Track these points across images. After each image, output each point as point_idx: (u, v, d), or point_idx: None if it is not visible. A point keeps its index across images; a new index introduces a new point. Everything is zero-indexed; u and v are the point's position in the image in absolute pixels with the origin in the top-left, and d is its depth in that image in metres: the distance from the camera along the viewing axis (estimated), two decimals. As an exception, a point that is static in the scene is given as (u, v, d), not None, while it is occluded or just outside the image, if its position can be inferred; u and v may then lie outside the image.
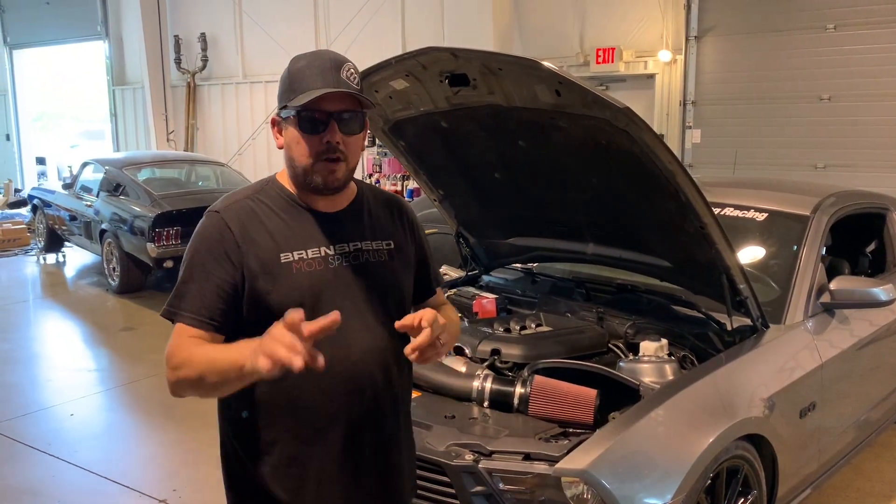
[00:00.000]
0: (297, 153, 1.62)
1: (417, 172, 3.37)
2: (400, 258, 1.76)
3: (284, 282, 1.59)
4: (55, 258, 10.20)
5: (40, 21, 15.92)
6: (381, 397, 1.68)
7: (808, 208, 3.44)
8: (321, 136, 1.58)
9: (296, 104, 1.57)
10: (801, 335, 2.99)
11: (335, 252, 1.65)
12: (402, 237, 1.79)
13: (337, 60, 1.60)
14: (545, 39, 9.91)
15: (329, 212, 1.68)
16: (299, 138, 1.60)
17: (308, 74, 1.59)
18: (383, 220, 1.77)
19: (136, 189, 7.98)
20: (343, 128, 1.59)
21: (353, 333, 1.63)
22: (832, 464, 3.19)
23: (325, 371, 1.57)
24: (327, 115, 1.58)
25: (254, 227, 1.61)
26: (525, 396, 2.50)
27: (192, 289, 1.57)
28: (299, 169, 1.63)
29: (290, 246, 1.62)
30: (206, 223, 1.63)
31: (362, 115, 1.64)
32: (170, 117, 13.75)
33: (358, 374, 1.64)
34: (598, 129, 2.47)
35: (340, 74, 1.58)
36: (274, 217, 1.64)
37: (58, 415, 4.88)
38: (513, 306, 3.45)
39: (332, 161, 1.60)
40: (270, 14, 12.43)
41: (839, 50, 8.17)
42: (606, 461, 2.15)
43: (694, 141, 9.17)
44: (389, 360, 1.70)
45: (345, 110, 1.59)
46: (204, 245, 1.60)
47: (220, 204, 1.66)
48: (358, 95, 1.60)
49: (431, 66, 2.58)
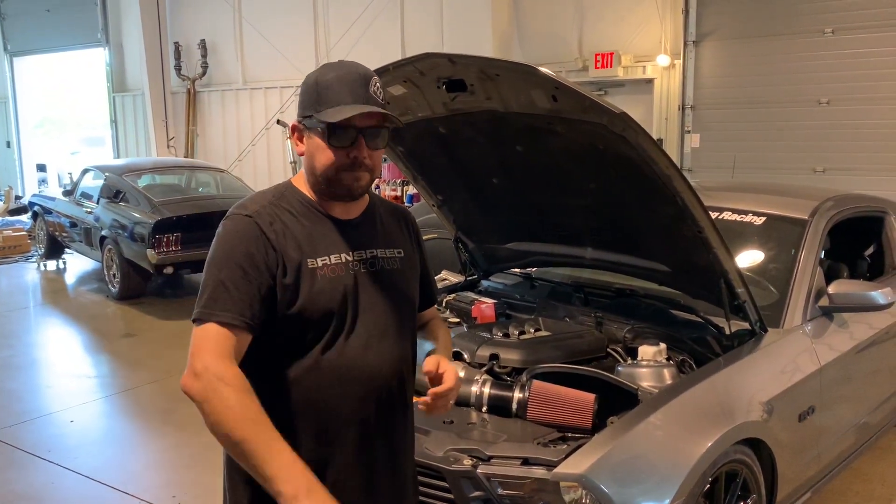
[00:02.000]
0: (320, 162, 1.64)
1: (416, 178, 3.38)
2: (409, 266, 1.82)
3: (311, 287, 1.61)
4: (56, 265, 10.21)
5: (41, 28, 15.96)
6: (395, 404, 1.73)
7: (806, 212, 3.44)
8: (348, 150, 1.62)
9: (326, 118, 1.59)
10: (799, 339, 2.99)
11: (354, 258, 1.69)
12: (409, 246, 1.84)
13: (366, 76, 1.64)
14: (544, 44, 9.94)
15: (346, 219, 1.72)
16: (325, 149, 1.63)
17: (338, 89, 1.61)
18: (393, 228, 1.83)
19: (137, 195, 7.99)
20: (370, 143, 1.63)
21: (372, 339, 1.67)
22: (832, 467, 3.19)
23: (344, 375, 1.64)
24: (356, 132, 1.61)
25: (282, 233, 1.63)
26: (524, 401, 2.50)
27: (230, 289, 1.55)
28: (321, 177, 1.65)
29: (315, 252, 1.65)
30: (240, 225, 1.63)
31: (387, 131, 1.68)
32: (170, 124, 13.77)
33: (375, 379, 1.67)
34: (596, 134, 2.48)
35: (369, 90, 1.62)
36: (297, 223, 1.66)
37: (58, 421, 4.88)
38: (511, 311, 3.45)
39: (356, 169, 1.64)
40: (270, 20, 12.47)
41: (838, 54, 8.19)
42: (605, 466, 2.15)
43: (693, 145, 9.18)
44: (403, 367, 1.75)
45: (372, 126, 1.63)
46: (241, 246, 1.59)
47: (248, 207, 1.66)
48: (387, 113, 1.63)
49: (429, 72, 2.59)
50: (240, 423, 1.44)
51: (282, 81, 12.36)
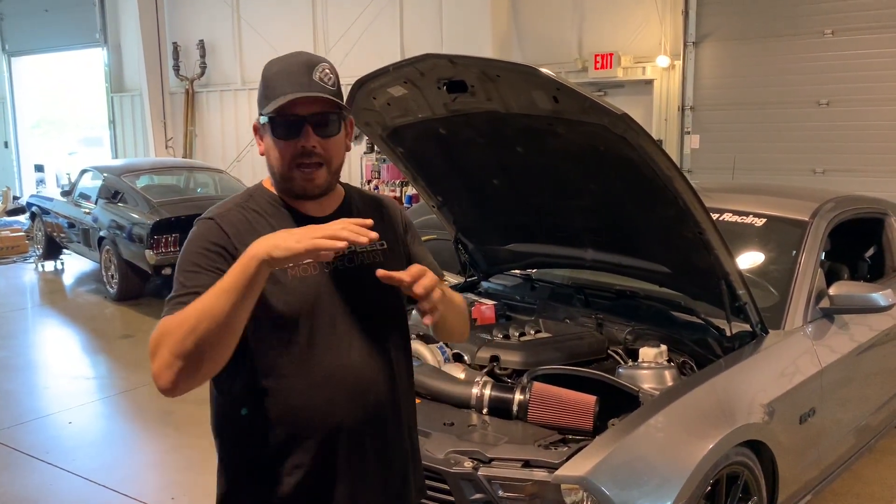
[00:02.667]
0: (274, 159, 1.59)
1: (416, 179, 3.37)
2: (394, 259, 1.72)
3: (279, 289, 1.54)
4: (53, 265, 10.19)
5: (39, 28, 15.95)
6: (383, 403, 1.65)
7: (806, 213, 3.44)
8: (296, 141, 1.56)
9: (268, 111, 1.55)
10: (800, 341, 2.99)
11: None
12: (393, 237, 1.76)
13: (310, 62, 1.58)
14: (543, 45, 9.94)
15: (319, 216, 1.64)
16: (276, 144, 1.58)
17: (280, 79, 1.57)
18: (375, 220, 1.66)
19: (135, 196, 7.97)
20: (319, 131, 1.56)
21: (353, 338, 1.61)
22: (832, 469, 3.18)
23: (325, 378, 1.57)
24: (301, 120, 1.55)
25: (246, 235, 1.55)
26: (524, 403, 2.49)
27: (190, 287, 1.50)
28: (278, 175, 1.61)
29: None
30: (201, 228, 1.59)
31: (339, 116, 1.60)
32: (168, 124, 13.74)
33: (359, 379, 1.60)
34: (596, 135, 2.47)
35: (313, 77, 1.56)
36: (264, 223, 1.60)
37: (56, 423, 4.87)
38: (512, 312, 3.45)
39: (308, 167, 1.57)
40: (269, 21, 12.46)
41: (837, 55, 8.19)
42: (606, 468, 2.14)
43: (692, 146, 9.19)
44: (392, 364, 1.67)
45: (319, 113, 1.56)
46: (199, 245, 1.55)
47: (212, 211, 1.62)
48: (331, 97, 1.56)
49: (429, 72, 2.58)
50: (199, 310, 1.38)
51: (280, 82, 12.31)
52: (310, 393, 1.56)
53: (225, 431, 1.67)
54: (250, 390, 1.57)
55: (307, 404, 1.57)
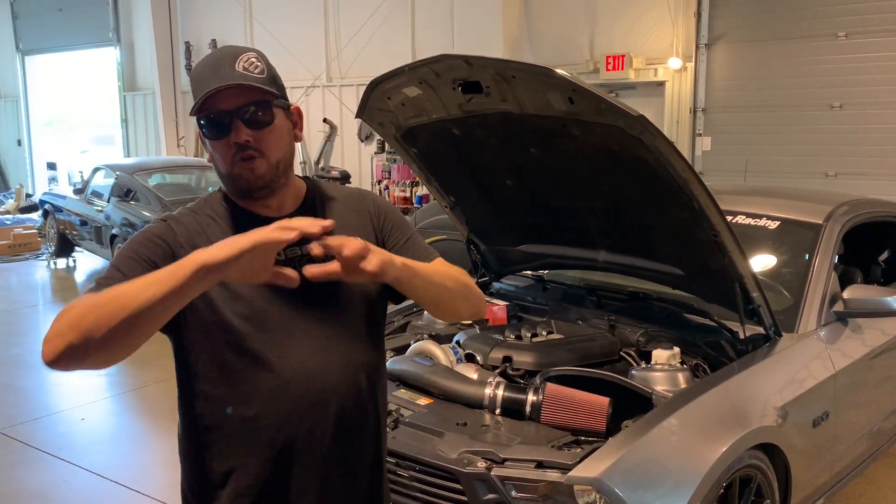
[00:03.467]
0: (216, 162, 1.51)
1: (429, 179, 3.37)
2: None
3: (229, 294, 1.46)
4: (66, 263, 10.25)
5: (52, 27, 16.05)
6: (348, 414, 1.54)
7: (820, 217, 3.42)
8: (227, 138, 1.46)
9: (193, 110, 1.46)
10: (813, 344, 2.98)
11: (286, 257, 1.46)
12: (366, 232, 1.60)
13: (234, 53, 1.47)
14: (555, 47, 9.93)
15: (277, 216, 1.50)
16: (212, 145, 1.49)
17: (204, 76, 1.45)
18: (342, 217, 1.59)
19: (147, 194, 8.02)
20: (249, 124, 1.45)
21: (310, 347, 1.50)
22: (845, 474, 3.17)
23: (282, 389, 1.47)
24: (227, 115, 1.44)
25: (198, 239, 1.47)
26: (537, 404, 2.49)
27: (118, 268, 1.42)
28: (223, 178, 1.52)
29: None
30: (150, 226, 1.53)
31: (268, 106, 1.48)
32: (180, 123, 13.82)
33: (320, 390, 1.50)
34: (611, 136, 2.47)
35: (236, 67, 1.44)
36: (216, 228, 1.51)
37: (68, 419, 4.90)
38: (524, 313, 3.45)
39: (247, 160, 1.47)
40: (280, 21, 12.50)
41: (850, 58, 8.15)
42: (619, 470, 2.14)
43: (704, 148, 9.16)
44: (357, 372, 1.56)
45: (244, 105, 1.45)
46: (143, 237, 1.48)
47: (164, 215, 1.56)
48: (254, 84, 1.45)
49: (445, 73, 2.59)
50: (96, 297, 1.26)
51: (291, 82, 12.37)
52: (266, 405, 1.48)
53: (182, 446, 1.61)
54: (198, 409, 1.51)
55: (263, 417, 1.48)
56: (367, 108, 2.96)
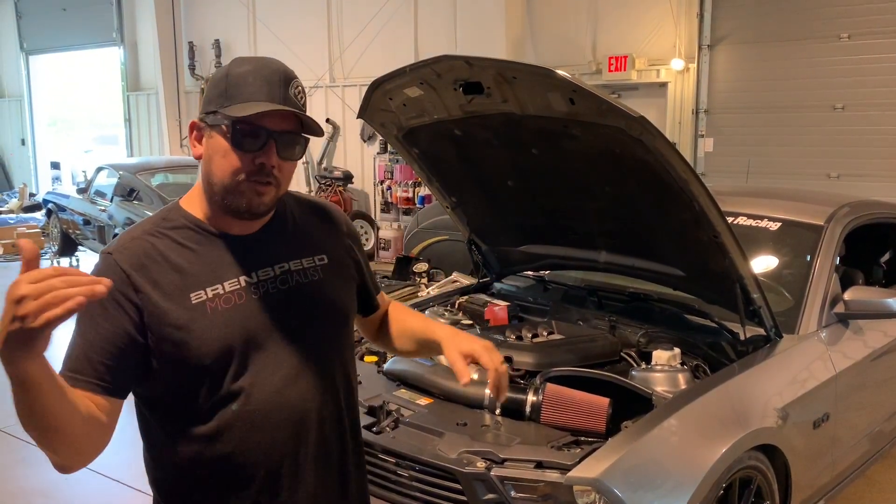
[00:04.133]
0: (220, 167, 1.39)
1: (430, 180, 3.38)
2: (336, 272, 1.56)
3: (199, 325, 1.36)
4: (69, 262, 10.26)
5: (56, 27, 16.09)
6: (329, 438, 1.50)
7: (822, 218, 3.42)
8: (255, 155, 1.38)
9: (233, 113, 1.36)
10: (814, 345, 2.98)
11: (258, 279, 1.43)
12: (337, 246, 1.59)
13: (286, 74, 1.42)
14: (558, 47, 9.93)
15: (246, 234, 1.46)
16: (227, 151, 1.38)
17: (252, 82, 1.38)
18: (312, 231, 1.57)
19: (150, 194, 8.04)
20: (282, 151, 1.39)
21: (289, 370, 1.44)
22: (845, 475, 3.17)
23: (261, 422, 1.41)
24: (267, 134, 1.37)
25: (155, 268, 1.37)
26: (537, 404, 2.50)
27: (79, 344, 1.33)
28: (218, 186, 1.40)
29: (200, 283, 1.38)
30: (98, 267, 1.39)
31: (305, 141, 1.43)
32: (183, 123, 13.83)
33: (300, 416, 1.44)
34: (612, 137, 2.47)
35: (289, 91, 1.40)
36: (179, 250, 1.40)
37: (70, 418, 4.90)
38: (524, 314, 3.45)
39: (262, 184, 1.39)
40: (284, 21, 12.51)
41: (853, 59, 8.14)
42: (619, 470, 2.14)
43: (706, 149, 9.15)
44: (336, 394, 1.51)
45: (287, 131, 1.40)
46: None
47: (113, 244, 1.41)
48: (306, 119, 1.41)
49: (446, 74, 2.60)
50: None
51: (295, 82, 12.40)
52: (244, 437, 1.41)
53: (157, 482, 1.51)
54: (173, 446, 1.44)
55: (242, 450, 1.41)
56: (369, 109, 2.96)
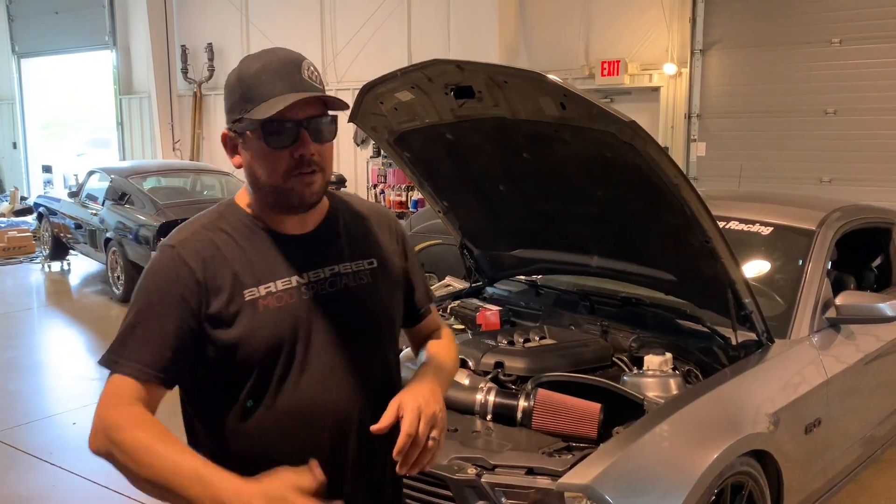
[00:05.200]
0: (264, 170, 1.40)
1: (422, 184, 3.37)
2: (385, 277, 1.57)
3: (250, 322, 1.38)
4: (60, 266, 10.22)
5: (49, 30, 16.05)
6: (371, 442, 1.48)
7: (813, 223, 3.43)
8: (292, 148, 1.38)
9: (258, 116, 1.36)
10: (806, 350, 2.98)
11: (309, 280, 1.45)
12: (387, 252, 1.59)
13: (296, 59, 1.41)
14: (551, 52, 9.95)
15: (299, 234, 1.48)
16: (265, 154, 1.39)
17: (266, 80, 1.38)
18: (363, 235, 1.57)
19: (142, 198, 8.00)
20: (315, 137, 1.39)
21: (331, 373, 1.45)
22: (837, 480, 3.16)
23: (301, 419, 1.42)
24: (296, 125, 1.37)
25: (214, 263, 1.40)
26: (528, 410, 2.48)
27: (139, 335, 1.36)
28: (268, 188, 1.42)
29: (255, 280, 1.41)
30: (160, 259, 1.43)
31: (333, 119, 1.43)
32: (176, 126, 13.82)
33: (343, 419, 1.46)
34: (603, 142, 2.47)
35: (303, 75, 1.39)
36: (235, 247, 1.43)
37: (60, 423, 4.88)
38: (516, 318, 3.44)
39: (307, 174, 1.40)
40: (277, 25, 12.50)
41: (845, 64, 8.18)
42: (610, 476, 2.13)
43: (699, 154, 9.18)
44: (378, 399, 1.49)
45: (314, 116, 1.39)
46: (156, 284, 1.40)
47: (175, 236, 1.45)
48: (328, 98, 1.40)
49: (437, 78, 2.59)
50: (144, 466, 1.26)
51: (288, 85, 12.38)
52: (286, 435, 1.42)
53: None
54: (211, 436, 1.45)
55: (282, 446, 1.42)
56: (360, 113, 2.95)
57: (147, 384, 1.35)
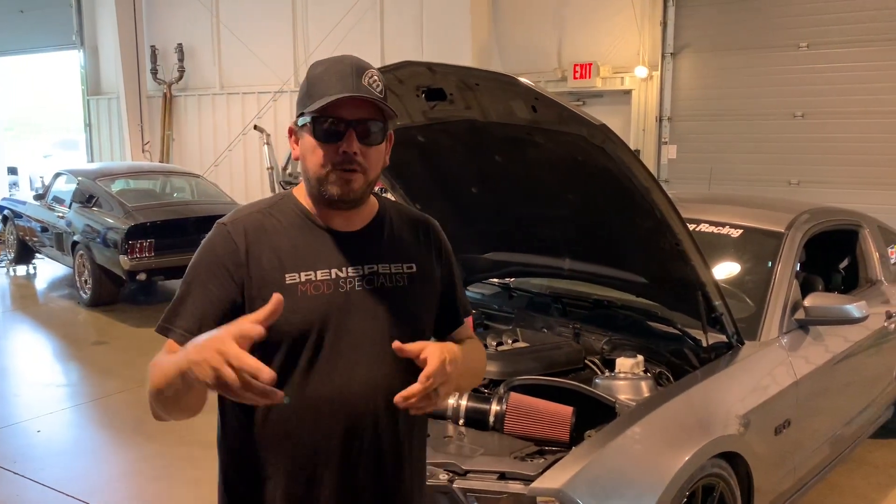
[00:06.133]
0: (311, 162, 1.51)
1: (394, 186, 3.35)
2: (422, 284, 1.62)
3: (287, 305, 1.40)
4: (25, 270, 10.03)
5: (14, 29, 15.73)
6: (383, 438, 1.53)
7: (782, 225, 3.46)
8: (337, 145, 1.47)
9: (312, 109, 1.46)
10: (775, 351, 3.00)
11: (348, 275, 1.52)
12: (428, 260, 1.65)
13: (360, 66, 1.50)
14: (523, 54, 9.98)
15: (345, 230, 1.56)
16: (315, 146, 1.49)
17: (326, 79, 1.48)
18: (406, 240, 1.64)
19: (110, 200, 7.87)
20: (362, 138, 1.48)
21: (358, 366, 1.50)
22: (807, 480, 3.19)
23: (321, 407, 1.48)
24: (345, 124, 1.47)
25: (261, 244, 1.50)
26: (501, 414, 2.48)
27: (188, 304, 1.48)
28: (313, 179, 1.51)
29: (296, 266, 1.50)
30: (212, 235, 1.54)
31: (384, 125, 1.52)
32: (145, 128, 13.62)
33: (358, 411, 1.50)
34: (575, 145, 2.47)
35: (362, 80, 1.48)
36: (283, 234, 1.53)
37: (24, 431, 4.77)
38: (489, 322, 3.43)
39: (348, 171, 1.48)
40: (248, 26, 12.39)
41: (812, 68, 8.30)
42: (582, 480, 2.13)
43: (670, 157, 9.26)
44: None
45: (364, 119, 1.48)
46: (206, 258, 1.51)
47: (229, 216, 1.56)
48: (380, 103, 1.49)
49: (408, 80, 2.57)
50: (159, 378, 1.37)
51: (259, 87, 12.29)
52: (304, 421, 1.49)
53: (222, 447, 1.61)
54: (237, 415, 1.53)
55: (300, 433, 1.49)
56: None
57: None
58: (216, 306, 1.46)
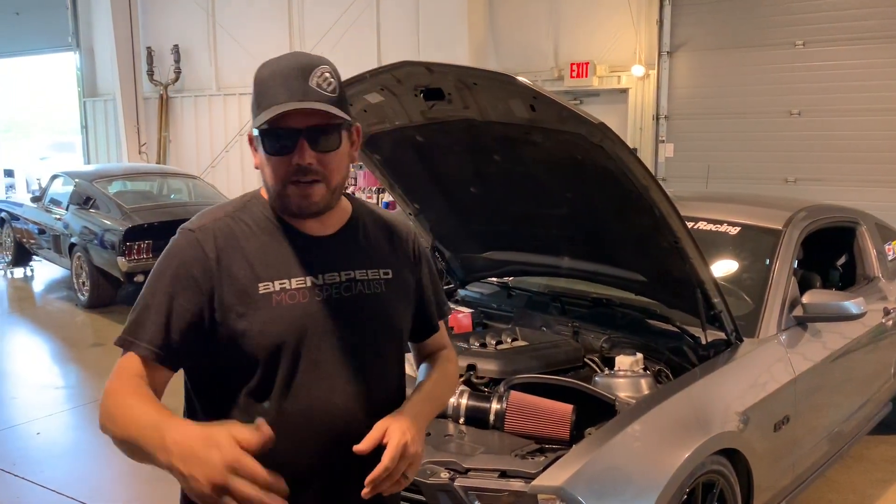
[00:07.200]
0: (268, 176, 1.42)
1: (393, 186, 3.36)
2: (398, 289, 1.56)
3: (262, 316, 1.39)
4: (23, 272, 10.01)
5: (10, 32, 15.71)
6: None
7: (780, 222, 3.47)
8: (289, 157, 1.38)
9: (258, 124, 1.37)
10: (774, 349, 3.01)
11: (324, 282, 1.45)
12: (402, 266, 1.59)
13: (306, 65, 1.39)
14: (520, 54, 9.99)
15: (318, 235, 1.49)
16: (268, 159, 1.41)
17: (272, 85, 1.38)
18: (381, 244, 1.57)
19: (107, 202, 7.86)
20: (315, 146, 1.38)
21: (339, 377, 1.45)
22: (805, 477, 3.20)
23: (302, 420, 1.42)
24: (295, 133, 1.37)
25: (232, 252, 1.41)
26: (501, 412, 2.48)
27: (152, 314, 1.38)
28: (272, 192, 1.44)
29: (270, 274, 1.42)
30: (178, 241, 1.44)
31: (339, 128, 1.41)
32: (142, 129, 13.61)
33: (340, 423, 1.44)
34: (573, 144, 2.47)
35: (309, 83, 1.37)
36: (254, 239, 1.44)
37: (23, 433, 4.77)
38: (488, 321, 3.44)
39: (306, 184, 1.40)
40: (244, 26, 12.39)
41: (808, 66, 8.32)
42: (582, 477, 2.13)
43: (667, 155, 9.27)
44: (381, 411, 1.47)
45: (315, 125, 1.38)
46: (171, 266, 1.41)
47: (196, 221, 1.46)
48: (329, 108, 1.37)
49: (406, 80, 2.57)
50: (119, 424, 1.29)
51: (256, 87, 12.27)
52: (283, 435, 1.37)
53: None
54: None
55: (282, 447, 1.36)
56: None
57: (153, 364, 1.37)
58: (182, 317, 1.38)
